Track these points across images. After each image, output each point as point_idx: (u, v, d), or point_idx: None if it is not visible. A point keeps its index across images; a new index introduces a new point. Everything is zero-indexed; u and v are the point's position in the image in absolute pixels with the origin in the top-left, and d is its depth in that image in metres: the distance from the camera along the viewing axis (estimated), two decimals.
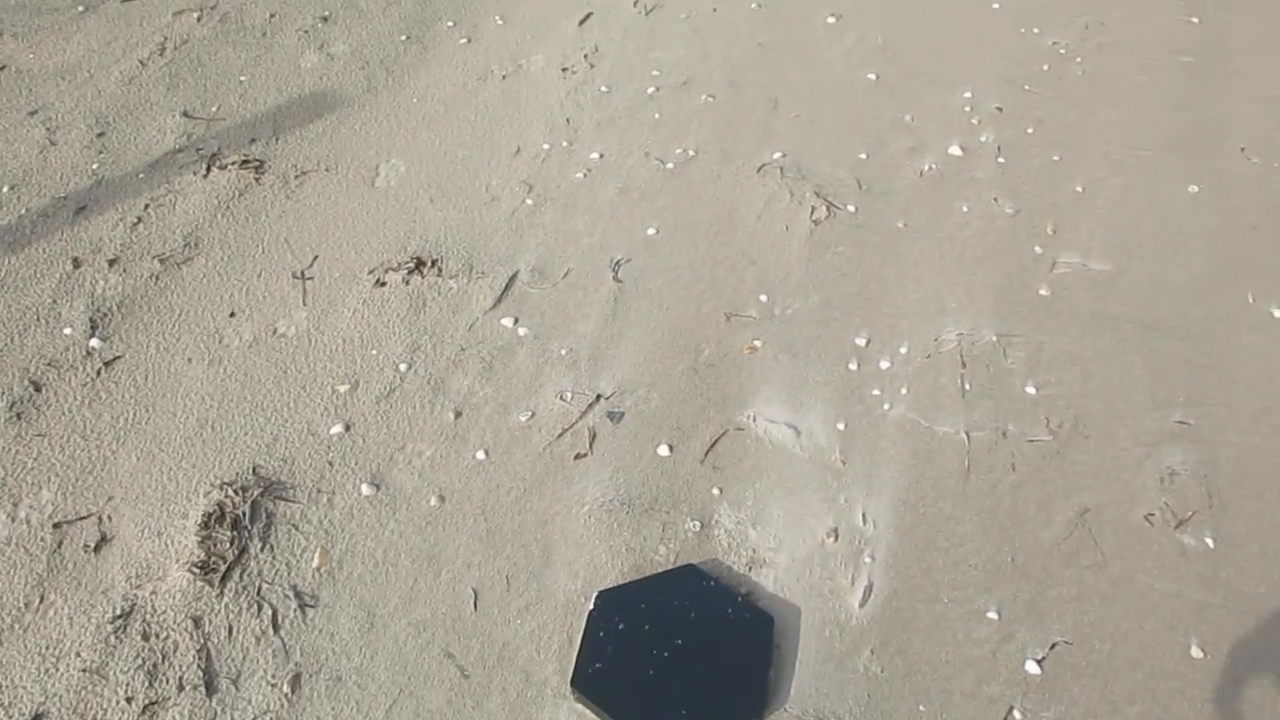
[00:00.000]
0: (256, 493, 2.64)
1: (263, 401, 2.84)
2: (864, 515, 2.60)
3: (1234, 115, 3.64)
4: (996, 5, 4.19)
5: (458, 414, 2.82)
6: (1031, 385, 2.86)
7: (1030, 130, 3.63)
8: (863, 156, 3.54)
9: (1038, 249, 3.22)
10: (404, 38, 4.09)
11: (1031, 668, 2.27)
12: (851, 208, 3.36)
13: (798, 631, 2.36)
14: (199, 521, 2.56)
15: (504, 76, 3.92)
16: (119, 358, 2.91)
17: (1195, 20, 4.06)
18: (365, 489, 2.67)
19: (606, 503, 2.62)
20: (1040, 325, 3.00)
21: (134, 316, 3.02)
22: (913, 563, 2.47)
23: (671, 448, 2.75)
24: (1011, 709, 2.22)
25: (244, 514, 2.61)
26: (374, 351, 2.96)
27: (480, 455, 2.73)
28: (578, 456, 2.75)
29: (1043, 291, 3.10)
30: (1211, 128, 3.59)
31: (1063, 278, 3.13)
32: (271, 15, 4.15)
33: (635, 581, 2.38)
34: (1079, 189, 3.39)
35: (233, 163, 3.52)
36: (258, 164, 3.51)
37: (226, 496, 2.63)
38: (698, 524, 2.58)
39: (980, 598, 2.40)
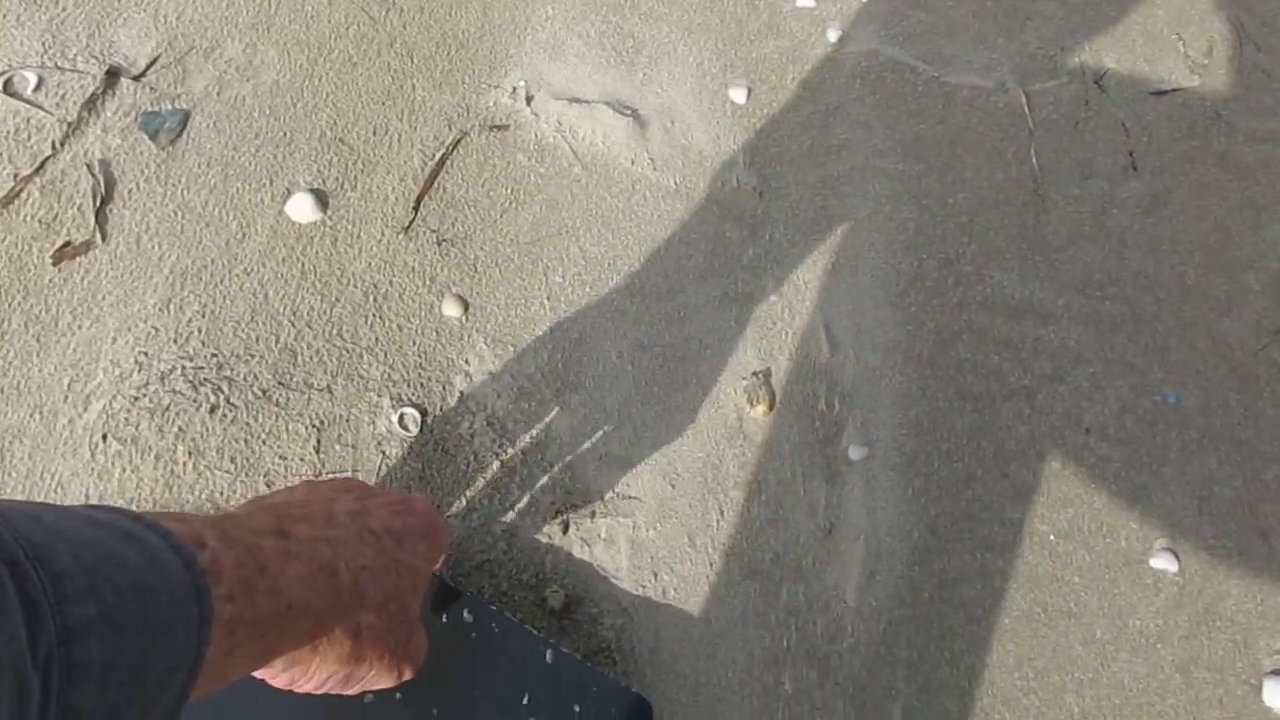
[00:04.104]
0: None
1: None
2: (829, 336, 1.01)
3: None
4: None
5: None
6: None
7: None
8: None
9: None
10: None
11: None
12: None
13: None
14: None
15: None
16: None
17: None
18: None
19: (149, 404, 0.91)
20: None
21: None
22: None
23: (324, 200, 1.00)
24: None
25: None
26: None
27: None
28: (62, 257, 0.95)
29: None
30: None
31: None
32: None
33: None
34: None
35: None
36: None
37: None
38: (414, 415, 0.92)
39: None
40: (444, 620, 0.86)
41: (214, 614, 0.45)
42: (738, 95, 1.21)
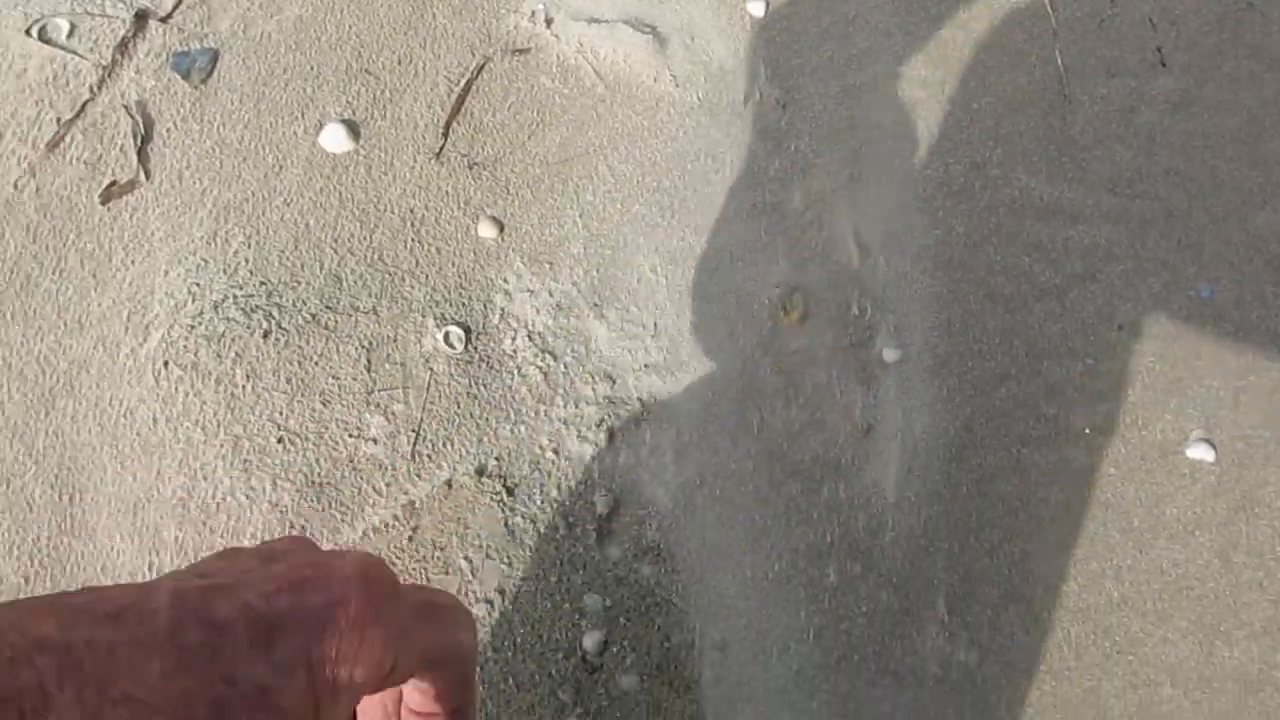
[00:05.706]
0: None
1: None
2: (859, 242, 1.03)
3: None
4: None
5: None
6: None
7: None
8: None
9: None
10: None
11: None
12: None
13: None
14: None
15: None
16: None
17: None
18: None
19: (206, 332, 0.94)
20: None
21: None
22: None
23: (355, 130, 1.02)
24: None
25: None
26: None
27: None
28: (110, 196, 0.98)
29: None
30: None
31: None
32: None
33: None
34: None
35: None
36: None
37: None
38: (458, 333, 0.95)
39: None
40: None
41: None
42: (756, 8, 1.21)
